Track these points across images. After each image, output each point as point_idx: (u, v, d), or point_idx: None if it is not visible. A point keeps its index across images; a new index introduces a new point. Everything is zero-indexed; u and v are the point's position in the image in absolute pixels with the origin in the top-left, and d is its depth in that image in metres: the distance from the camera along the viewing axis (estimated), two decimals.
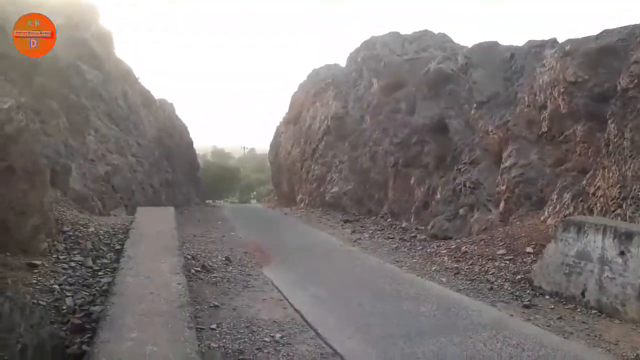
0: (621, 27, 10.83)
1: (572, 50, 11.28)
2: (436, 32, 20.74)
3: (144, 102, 20.67)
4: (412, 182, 16.00)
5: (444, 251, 10.92)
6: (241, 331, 6.08)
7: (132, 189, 15.43)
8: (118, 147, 15.40)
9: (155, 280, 5.58)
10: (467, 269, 9.48)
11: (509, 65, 14.70)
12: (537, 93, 12.39)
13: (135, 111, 18.61)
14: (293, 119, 26.08)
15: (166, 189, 19.70)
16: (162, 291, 5.19)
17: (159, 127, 21.26)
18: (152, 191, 17.52)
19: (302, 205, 22.30)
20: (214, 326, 6.13)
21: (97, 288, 6.31)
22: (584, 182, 10.09)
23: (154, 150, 19.58)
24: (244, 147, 73.65)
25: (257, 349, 5.59)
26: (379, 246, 12.53)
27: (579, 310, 7.14)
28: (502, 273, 8.90)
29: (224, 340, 5.74)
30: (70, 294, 5.97)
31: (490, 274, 8.95)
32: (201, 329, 5.92)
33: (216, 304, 7.05)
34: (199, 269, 8.71)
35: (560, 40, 13.28)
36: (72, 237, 8.08)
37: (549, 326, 6.55)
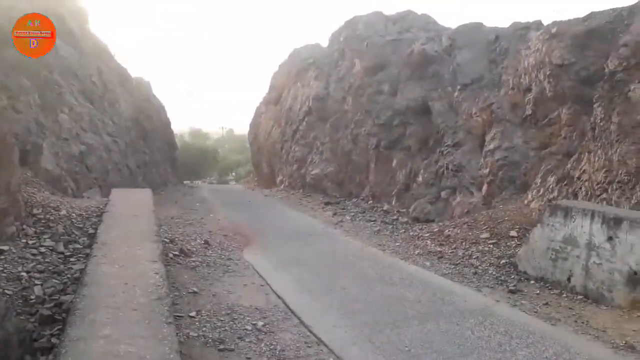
0: (609, 9, 10.69)
1: (559, 32, 11.13)
2: (419, 12, 20.37)
3: (120, 80, 19.99)
4: (394, 164, 15.84)
5: (426, 234, 10.82)
6: (222, 319, 5.88)
7: (107, 170, 14.93)
8: (93, 126, 14.83)
9: (130, 269, 5.23)
10: (450, 252, 9.40)
11: (493, 47, 14.46)
12: (522, 75, 12.26)
13: (110, 89, 17.96)
14: (274, 99, 25.58)
15: (143, 170, 19.19)
16: (138, 281, 4.83)
17: (135, 106, 20.58)
18: (128, 172, 17.02)
19: (282, 186, 22.02)
20: (193, 314, 5.91)
21: (69, 275, 5.98)
22: (569, 165, 10.04)
23: (131, 129, 19.00)
24: (223, 127, 72.14)
25: (239, 337, 5.40)
26: (361, 229, 12.39)
27: (564, 295, 7.10)
28: (486, 257, 8.84)
29: (203, 329, 5.53)
30: (39, 282, 5.64)
31: (475, 258, 8.87)
32: (179, 316, 5.67)
33: (195, 290, 6.83)
34: (177, 252, 8.45)
35: (545, 22, 13.11)
36: (43, 221, 7.68)
37: (535, 312, 6.50)
